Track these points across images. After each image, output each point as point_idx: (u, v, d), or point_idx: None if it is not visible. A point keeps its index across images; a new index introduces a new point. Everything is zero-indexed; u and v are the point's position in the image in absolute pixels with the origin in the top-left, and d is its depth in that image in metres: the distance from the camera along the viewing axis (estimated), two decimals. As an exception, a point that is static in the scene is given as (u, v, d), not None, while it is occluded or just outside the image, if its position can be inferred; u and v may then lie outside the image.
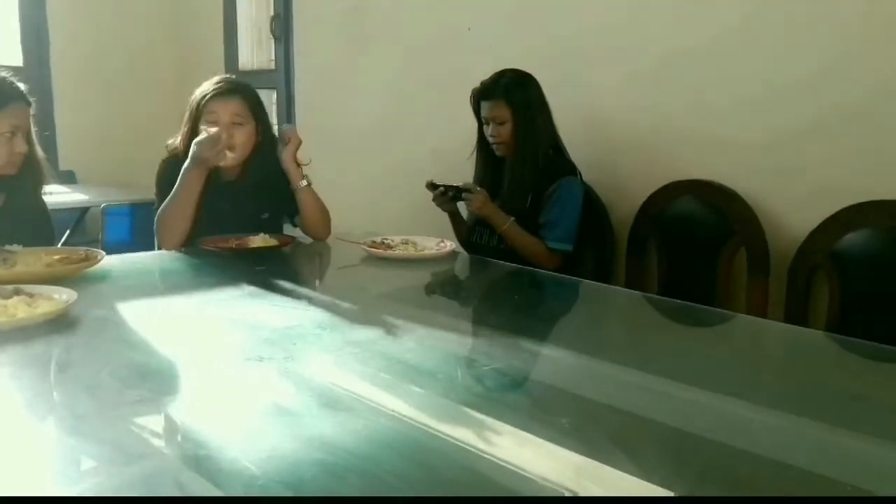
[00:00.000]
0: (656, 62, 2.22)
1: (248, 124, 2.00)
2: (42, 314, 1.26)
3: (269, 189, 2.07)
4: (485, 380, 1.13)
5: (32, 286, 1.39)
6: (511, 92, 2.08)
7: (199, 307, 1.46)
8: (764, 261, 1.99)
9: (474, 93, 2.16)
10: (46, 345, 1.19)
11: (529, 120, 2.08)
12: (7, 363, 1.12)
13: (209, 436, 0.89)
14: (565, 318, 1.68)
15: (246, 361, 1.14)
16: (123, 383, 1.04)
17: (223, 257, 1.87)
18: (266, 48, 3.72)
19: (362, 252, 1.97)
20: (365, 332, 1.33)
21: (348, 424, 0.94)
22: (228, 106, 1.97)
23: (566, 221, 2.08)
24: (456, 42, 2.80)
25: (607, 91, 2.35)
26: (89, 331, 1.27)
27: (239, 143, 1.98)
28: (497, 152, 2.15)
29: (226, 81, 2.04)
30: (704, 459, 0.92)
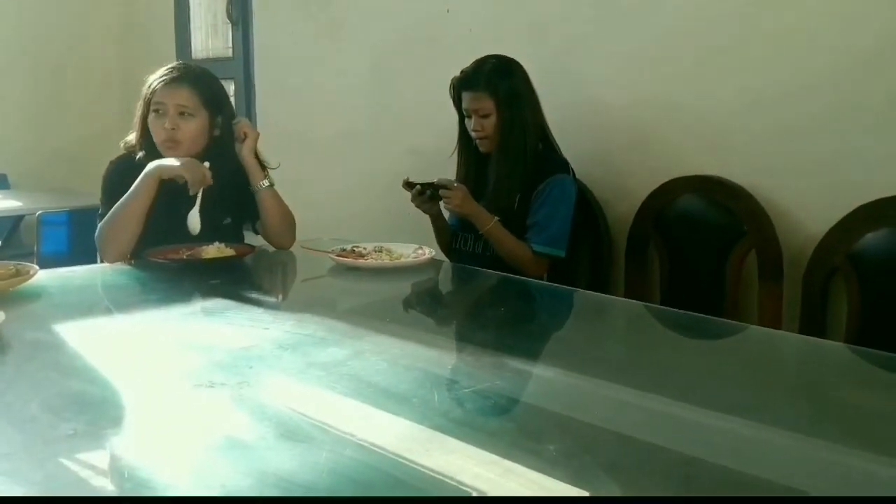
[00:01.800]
0: (657, 47, 2.24)
1: (199, 117, 1.97)
2: (-36, 338, 1.25)
3: (231, 191, 2.04)
4: (465, 403, 1.12)
5: (-45, 306, 1.37)
6: (495, 81, 2.09)
7: (146, 327, 1.45)
8: (776, 264, 2.00)
9: (454, 82, 2.16)
10: (-31, 373, 1.18)
11: (515, 112, 2.09)
12: (-77, 395, 1.10)
13: (153, 473, 0.88)
14: (557, 332, 1.69)
15: (196, 388, 1.13)
16: (57, 415, 1.03)
17: (173, 270, 1.86)
18: (222, 34, 3.71)
19: (330, 262, 1.96)
20: (331, 353, 1.32)
21: (308, 457, 0.93)
22: (175, 95, 1.95)
23: (556, 223, 2.09)
24: (433, 25, 2.81)
25: (602, 78, 2.36)
26: (19, 356, 1.26)
27: (184, 138, 1.95)
28: (481, 148, 2.15)
29: (176, 68, 2.02)
30: (711, 488, 0.92)
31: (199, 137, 1.98)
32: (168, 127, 1.93)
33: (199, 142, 1.99)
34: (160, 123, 1.94)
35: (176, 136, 1.94)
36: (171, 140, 1.94)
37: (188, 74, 2.00)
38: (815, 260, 1.92)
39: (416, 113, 2.90)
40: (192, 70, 2.05)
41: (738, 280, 2.07)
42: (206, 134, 2.00)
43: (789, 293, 2.00)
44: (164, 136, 1.94)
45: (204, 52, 3.85)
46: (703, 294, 2.12)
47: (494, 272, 1.96)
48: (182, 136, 1.95)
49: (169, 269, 1.86)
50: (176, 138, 1.94)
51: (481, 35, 2.60)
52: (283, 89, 3.42)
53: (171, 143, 1.94)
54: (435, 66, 2.78)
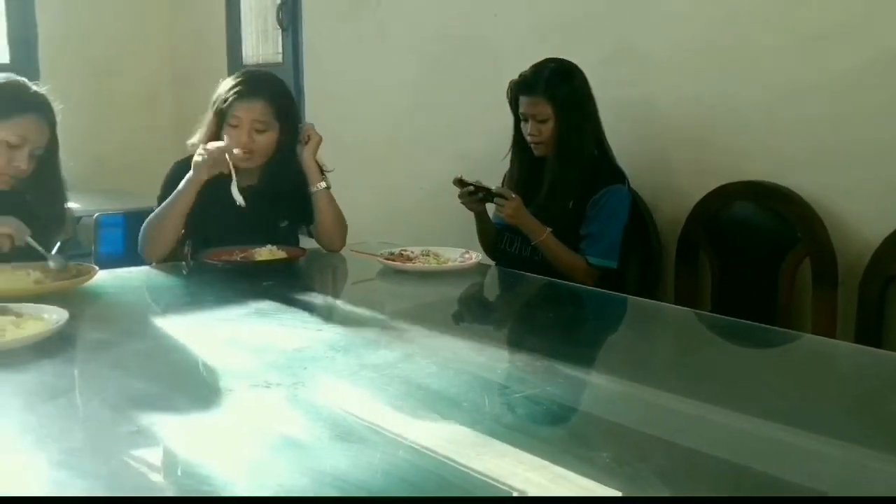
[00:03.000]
0: (708, 45, 2.20)
1: (271, 129, 2.03)
2: (31, 336, 1.29)
3: (289, 194, 2.10)
4: (516, 408, 1.13)
5: (20, 304, 1.42)
6: (554, 86, 2.07)
7: (202, 327, 1.48)
8: (831, 272, 1.96)
9: (512, 85, 2.15)
10: (36, 370, 1.22)
11: (574, 118, 2.07)
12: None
13: (212, 471, 0.90)
14: (607, 338, 1.68)
15: (252, 388, 1.15)
16: (119, 413, 1.06)
17: (227, 272, 1.90)
18: (273, 39, 3.77)
19: (379, 265, 1.99)
20: (382, 355, 1.34)
21: (363, 458, 0.95)
22: (251, 111, 2.00)
23: (610, 235, 2.07)
24: (481, 30, 2.82)
25: (654, 80, 2.34)
26: (82, 354, 1.31)
27: (259, 150, 2.02)
28: (535, 151, 2.14)
29: (249, 81, 2.06)
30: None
31: (270, 149, 2.06)
32: (245, 141, 1.99)
33: (269, 153, 2.06)
34: (236, 136, 2.00)
35: (252, 148, 2.01)
36: (248, 152, 2.00)
37: (262, 87, 2.04)
38: (872, 267, 1.88)
39: (462, 117, 2.91)
40: (265, 80, 2.10)
41: (791, 288, 2.04)
42: (275, 145, 2.06)
43: (844, 301, 1.96)
44: (240, 151, 1.98)
45: (254, 58, 3.92)
46: (754, 302, 2.08)
47: (542, 277, 1.96)
48: (257, 148, 2.02)
49: (222, 271, 1.91)
50: (251, 149, 2.01)
51: (530, 39, 2.60)
52: (331, 94, 3.47)
53: (248, 154, 2.01)
54: (482, 71, 2.79)
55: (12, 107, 1.78)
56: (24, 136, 1.77)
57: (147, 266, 2.04)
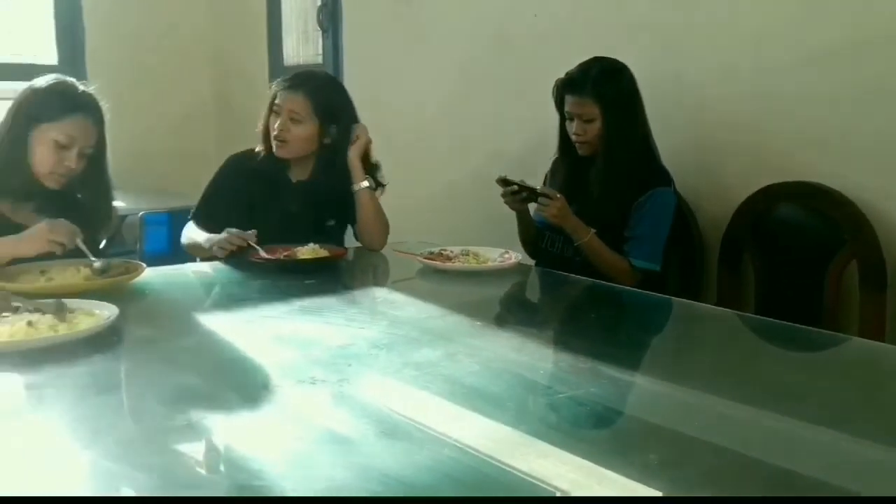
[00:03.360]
0: (755, 42, 2.17)
1: (307, 124, 2.12)
2: (83, 331, 1.33)
3: (337, 194, 2.17)
4: (560, 409, 1.13)
5: (72, 300, 1.46)
6: (601, 85, 2.05)
7: (247, 324, 1.51)
8: (879, 274, 1.92)
9: (558, 84, 2.14)
10: (88, 364, 1.25)
11: (621, 118, 2.05)
12: (47, 383, 1.18)
13: (262, 465, 0.92)
14: (650, 340, 1.67)
15: (298, 384, 1.17)
16: (169, 407, 1.09)
17: (270, 269, 1.93)
18: (313, 41, 3.81)
19: (419, 264, 2.00)
20: (425, 353, 1.35)
21: (409, 455, 0.96)
22: (290, 101, 2.11)
23: (655, 238, 2.04)
24: (521, 30, 2.82)
25: (698, 79, 2.31)
26: (132, 349, 1.34)
27: (291, 139, 2.11)
28: (580, 151, 2.12)
29: (298, 75, 2.20)
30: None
31: (307, 142, 2.14)
32: (279, 128, 2.10)
33: (307, 146, 2.15)
34: (273, 122, 2.13)
35: (285, 137, 2.11)
36: (280, 139, 2.11)
37: (307, 83, 2.15)
38: (923, 270, 1.84)
39: (501, 117, 2.91)
40: (314, 79, 2.21)
41: (837, 290, 2.00)
42: (315, 139, 2.15)
43: (893, 304, 1.92)
44: (275, 134, 2.11)
45: (295, 59, 3.96)
46: (800, 304, 2.05)
47: (583, 278, 1.95)
48: (290, 137, 2.11)
49: (266, 269, 1.94)
50: (284, 138, 2.11)
51: (571, 38, 2.59)
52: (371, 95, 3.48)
53: (280, 141, 2.12)
54: (521, 71, 2.79)
55: (61, 107, 1.82)
56: (73, 136, 1.81)
57: (192, 263, 2.09)
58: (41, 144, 1.80)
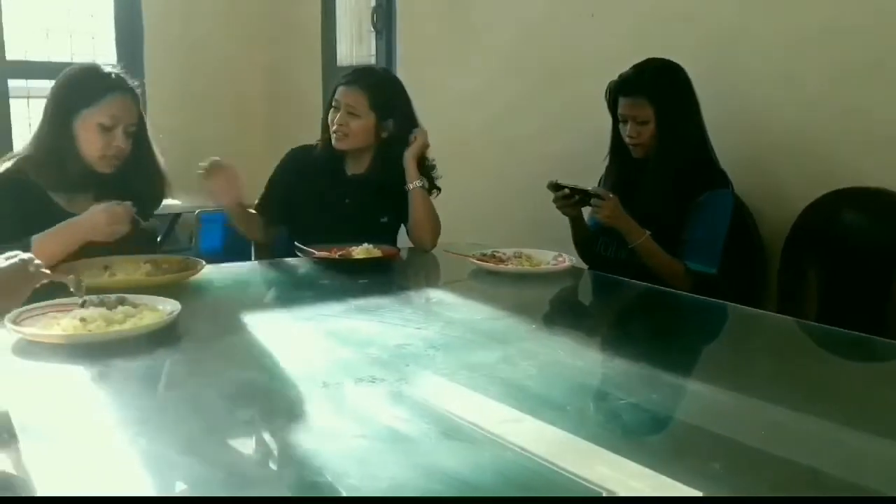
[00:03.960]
0: (819, 46, 2.12)
1: (365, 118, 2.19)
2: (148, 325, 1.36)
3: (392, 190, 2.22)
4: (621, 415, 1.12)
5: (136, 296, 1.49)
6: (655, 87, 2.03)
7: (305, 321, 1.52)
8: (950, 284, 1.86)
9: (611, 86, 2.12)
10: (152, 359, 1.28)
11: (675, 120, 2.02)
12: (114, 377, 1.21)
13: (325, 462, 0.93)
14: (708, 347, 1.64)
15: (358, 382, 1.18)
16: (233, 402, 1.10)
17: (324, 268, 1.95)
18: (366, 42, 3.84)
19: (470, 265, 2.00)
20: (481, 356, 1.35)
21: (471, 457, 0.96)
22: (348, 96, 2.19)
23: (711, 240, 2.01)
24: (577, 30, 2.80)
25: (760, 80, 2.26)
26: (193, 344, 1.36)
27: (350, 133, 2.18)
28: (634, 153, 2.10)
29: (357, 71, 2.28)
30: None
31: (364, 135, 2.21)
32: (337, 122, 2.18)
33: (364, 139, 2.22)
34: (332, 115, 2.21)
35: (343, 130, 2.18)
36: (339, 132, 2.19)
37: (364, 78, 2.23)
38: None
39: (555, 119, 2.89)
40: (371, 74, 2.29)
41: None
42: (372, 133, 2.22)
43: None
44: (334, 128, 2.20)
45: (348, 59, 3.99)
46: (863, 312, 1.99)
47: (638, 282, 1.93)
48: (348, 131, 2.19)
49: (320, 267, 1.96)
50: (343, 131, 2.19)
51: (628, 39, 2.56)
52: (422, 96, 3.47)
53: (340, 135, 2.19)
54: (575, 72, 2.77)
55: (98, 89, 1.82)
56: (115, 115, 1.82)
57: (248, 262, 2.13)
58: (86, 131, 1.81)
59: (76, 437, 1.01)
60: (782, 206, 2.19)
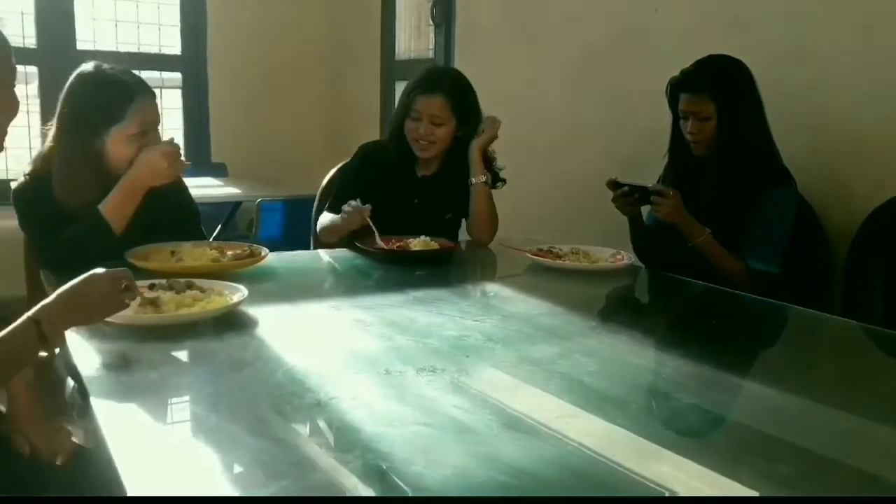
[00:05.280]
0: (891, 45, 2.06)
1: (447, 124, 2.18)
2: (217, 309, 1.40)
3: (457, 187, 2.23)
4: (685, 415, 1.11)
5: (203, 281, 1.53)
6: (717, 83, 2.00)
7: (365, 310, 1.54)
8: None
9: (672, 82, 2.10)
10: (219, 341, 1.32)
11: (737, 116, 1.99)
12: (186, 358, 1.25)
13: (390, 448, 0.94)
14: (772, 349, 1.62)
15: (419, 371, 1.19)
16: (300, 385, 1.13)
17: (382, 259, 1.97)
18: (425, 35, 3.86)
19: (527, 261, 2.00)
20: (540, 350, 1.35)
21: (534, 449, 0.96)
22: (430, 106, 2.16)
23: (774, 240, 1.97)
24: (639, 26, 2.76)
25: (828, 78, 2.21)
26: (259, 329, 1.39)
27: (437, 140, 2.18)
28: (695, 151, 2.07)
29: (431, 75, 2.24)
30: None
31: (447, 139, 2.21)
32: (423, 134, 2.17)
33: (447, 142, 2.22)
34: (415, 127, 2.18)
35: (429, 139, 2.18)
36: (425, 142, 2.18)
37: (442, 83, 2.19)
38: None
39: (615, 116, 2.86)
40: (447, 78, 2.26)
41: (976, 308, 1.88)
42: (452, 135, 2.22)
43: None
44: (419, 139, 2.18)
45: (406, 53, 4.02)
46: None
47: (698, 282, 1.91)
48: (434, 139, 2.18)
49: (378, 259, 1.98)
50: (430, 141, 2.18)
51: (693, 34, 2.52)
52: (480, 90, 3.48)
53: (425, 144, 2.19)
54: (638, 68, 2.74)
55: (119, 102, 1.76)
56: (144, 121, 1.79)
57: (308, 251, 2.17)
58: (118, 145, 1.76)
59: (150, 413, 1.05)
60: (848, 207, 2.13)
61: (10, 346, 1.09)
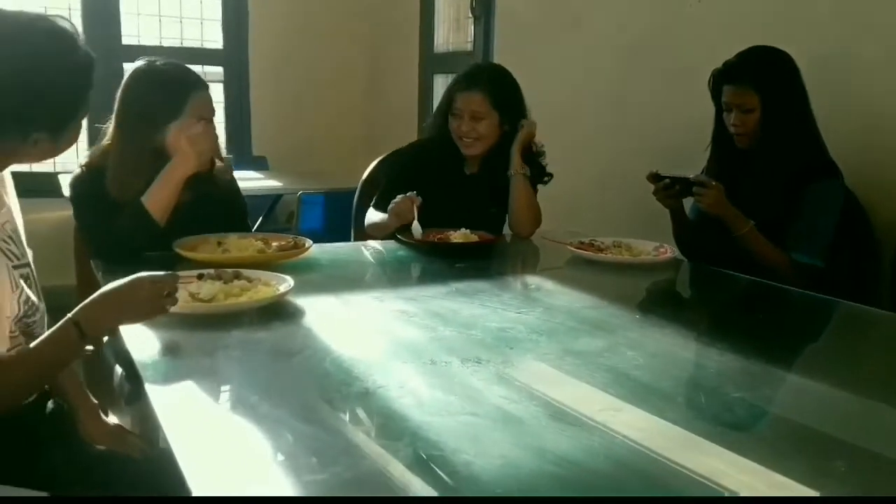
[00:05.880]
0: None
1: (490, 118, 2.19)
2: (264, 299, 1.42)
3: (501, 182, 2.23)
4: (734, 409, 1.10)
5: (250, 271, 1.56)
6: (761, 74, 1.97)
7: (408, 301, 1.55)
8: None
9: (714, 74, 2.07)
10: (268, 331, 1.34)
11: (782, 108, 1.96)
12: (235, 346, 1.27)
13: (439, 436, 0.95)
14: (819, 345, 1.60)
15: (465, 362, 1.20)
16: (346, 374, 1.14)
17: (422, 252, 1.98)
18: (464, 28, 3.85)
19: (568, 254, 1.99)
20: (585, 343, 1.35)
21: (581, 440, 0.96)
22: (470, 101, 2.18)
23: (819, 232, 1.94)
24: (682, 17, 2.73)
25: (877, 69, 2.16)
26: (305, 318, 1.41)
27: (479, 136, 2.19)
28: (738, 144, 2.04)
29: (471, 72, 2.26)
30: None
31: (491, 134, 2.21)
32: (465, 131, 2.18)
33: (492, 138, 2.22)
34: (458, 125, 2.20)
35: (473, 136, 2.19)
36: (469, 139, 2.19)
37: (480, 79, 2.21)
38: None
39: (655, 109, 2.83)
40: (486, 72, 2.28)
41: None
42: (497, 130, 2.22)
43: None
44: (462, 135, 2.19)
45: (445, 46, 4.02)
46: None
47: (743, 276, 1.88)
48: (478, 136, 2.19)
49: (418, 250, 1.99)
50: (474, 137, 2.19)
51: (736, 25, 2.48)
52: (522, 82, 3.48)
53: (470, 141, 2.20)
54: (679, 61, 2.70)
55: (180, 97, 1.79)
56: (200, 115, 1.81)
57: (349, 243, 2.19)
58: (178, 140, 1.77)
59: (203, 398, 1.07)
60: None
61: (52, 347, 1.12)
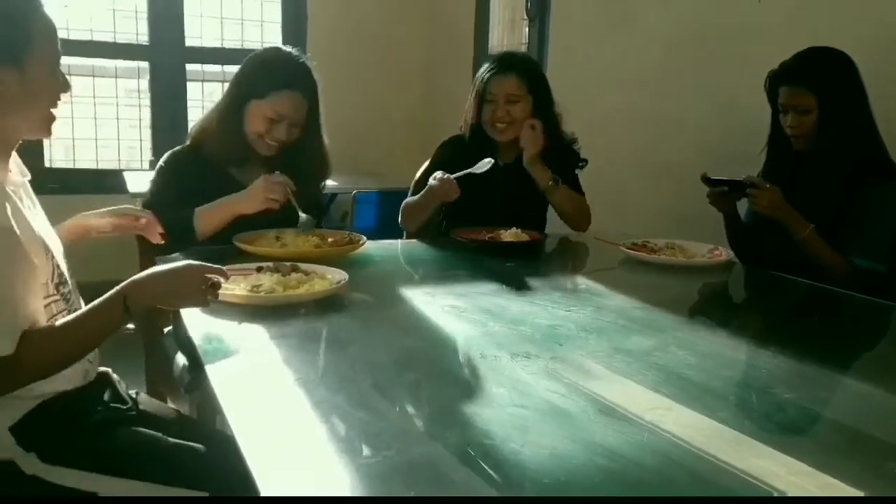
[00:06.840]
0: None
1: (524, 101, 2.22)
2: (321, 291, 1.46)
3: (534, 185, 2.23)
4: (787, 410, 1.09)
5: (306, 265, 1.60)
6: (819, 75, 1.94)
7: (459, 297, 1.58)
8: None
9: (771, 75, 2.04)
10: (324, 322, 1.38)
11: (840, 110, 1.92)
12: (293, 336, 1.31)
13: (489, 426, 0.97)
14: (877, 349, 1.56)
15: (514, 357, 1.22)
16: (399, 365, 1.17)
17: (473, 249, 2.01)
18: (519, 29, 3.86)
19: (620, 254, 1.99)
20: (635, 342, 1.35)
21: (631, 435, 0.97)
22: (504, 85, 2.20)
23: (880, 236, 1.89)
24: (741, 17, 2.69)
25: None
26: (359, 311, 1.45)
27: (514, 120, 2.20)
28: (795, 145, 2.01)
29: (502, 58, 2.29)
30: None
31: (527, 117, 2.22)
32: (499, 115, 2.21)
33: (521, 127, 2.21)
34: (493, 109, 2.21)
35: (505, 120, 2.21)
36: (503, 124, 2.21)
37: (514, 63, 2.25)
38: None
39: (712, 109, 2.80)
40: (518, 58, 2.33)
41: None
42: (529, 117, 2.23)
43: None
44: (496, 120, 2.21)
45: (499, 47, 4.03)
46: None
47: (799, 279, 1.85)
48: (512, 119, 2.21)
49: (469, 248, 2.02)
50: (508, 121, 2.21)
51: (798, 28, 2.44)
52: (574, 83, 3.47)
53: (504, 126, 2.22)
54: (735, 61, 2.67)
55: (272, 84, 1.90)
56: (281, 112, 1.90)
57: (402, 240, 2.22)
58: (253, 117, 1.91)
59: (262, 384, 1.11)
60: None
61: (98, 318, 1.20)
